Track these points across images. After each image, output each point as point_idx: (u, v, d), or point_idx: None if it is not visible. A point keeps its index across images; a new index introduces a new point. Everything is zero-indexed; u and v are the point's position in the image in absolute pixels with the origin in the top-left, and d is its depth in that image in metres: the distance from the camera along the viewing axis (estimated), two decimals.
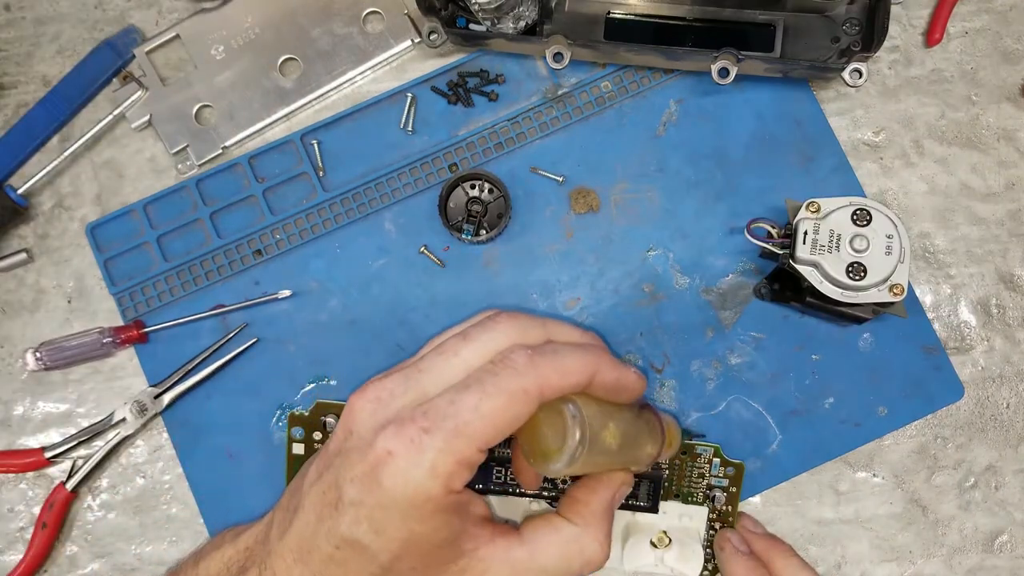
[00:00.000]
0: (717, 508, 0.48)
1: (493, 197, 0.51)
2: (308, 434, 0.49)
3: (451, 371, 0.36)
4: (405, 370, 0.37)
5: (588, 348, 0.38)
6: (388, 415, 0.35)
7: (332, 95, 0.53)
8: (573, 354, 0.36)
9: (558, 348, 0.36)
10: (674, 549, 0.47)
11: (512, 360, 0.35)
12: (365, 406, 0.36)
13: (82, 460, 0.51)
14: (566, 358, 0.36)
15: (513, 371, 0.35)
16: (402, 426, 0.34)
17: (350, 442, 0.36)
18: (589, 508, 0.40)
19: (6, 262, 0.52)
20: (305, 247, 0.52)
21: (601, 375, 0.37)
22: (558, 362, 0.36)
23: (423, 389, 0.36)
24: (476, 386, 0.34)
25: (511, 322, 0.38)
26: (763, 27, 0.50)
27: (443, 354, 0.37)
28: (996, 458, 0.50)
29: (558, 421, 0.37)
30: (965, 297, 0.51)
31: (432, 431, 0.33)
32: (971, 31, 0.53)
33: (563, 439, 0.36)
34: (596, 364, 0.37)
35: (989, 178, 0.52)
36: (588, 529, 0.39)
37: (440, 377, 0.36)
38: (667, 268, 0.51)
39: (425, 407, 0.34)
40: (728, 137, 0.51)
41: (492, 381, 0.34)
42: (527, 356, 0.35)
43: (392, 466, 0.33)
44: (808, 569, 0.46)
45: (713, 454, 0.48)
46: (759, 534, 0.48)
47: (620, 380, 0.38)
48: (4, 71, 0.54)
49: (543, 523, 0.39)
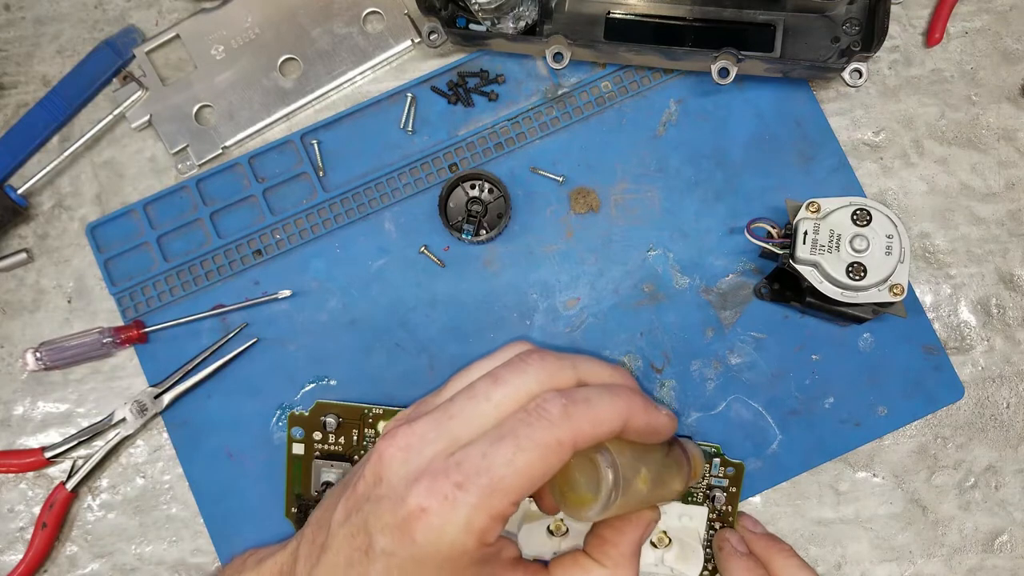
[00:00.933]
0: (717, 508, 0.48)
1: (493, 197, 0.51)
2: (308, 434, 0.49)
3: (482, 417, 0.35)
4: (435, 414, 0.36)
5: (620, 392, 0.37)
6: (420, 465, 0.34)
7: (332, 95, 0.53)
8: (606, 401, 0.36)
9: (591, 396, 0.36)
10: (674, 549, 0.47)
11: (546, 411, 0.34)
12: (396, 454, 0.35)
13: (82, 460, 0.51)
14: (600, 406, 0.35)
15: (547, 422, 0.34)
16: (435, 480, 0.33)
17: (380, 489, 0.35)
18: (618, 550, 0.40)
19: (6, 262, 0.52)
20: (305, 247, 0.52)
21: (634, 420, 0.36)
22: (592, 411, 0.35)
23: (454, 436, 0.35)
24: (510, 438, 0.34)
25: (541, 364, 0.37)
26: (763, 27, 0.50)
27: (474, 398, 0.36)
28: (996, 458, 0.50)
29: (591, 469, 0.37)
30: (965, 297, 0.51)
31: (466, 487, 0.33)
32: (971, 31, 0.53)
33: (597, 488, 0.36)
34: (629, 410, 0.36)
35: (989, 178, 0.52)
36: (618, 570, 0.39)
37: (471, 423, 0.35)
38: (667, 268, 0.51)
39: (458, 458, 0.34)
40: (728, 137, 0.51)
41: (526, 433, 0.34)
42: (561, 406, 0.34)
43: (426, 522, 0.33)
44: (807, 569, 0.46)
45: (713, 454, 0.48)
46: (758, 534, 0.48)
47: (652, 424, 0.37)
48: (4, 71, 0.54)
49: (572, 564, 0.39)
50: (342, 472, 0.49)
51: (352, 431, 0.49)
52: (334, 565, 0.36)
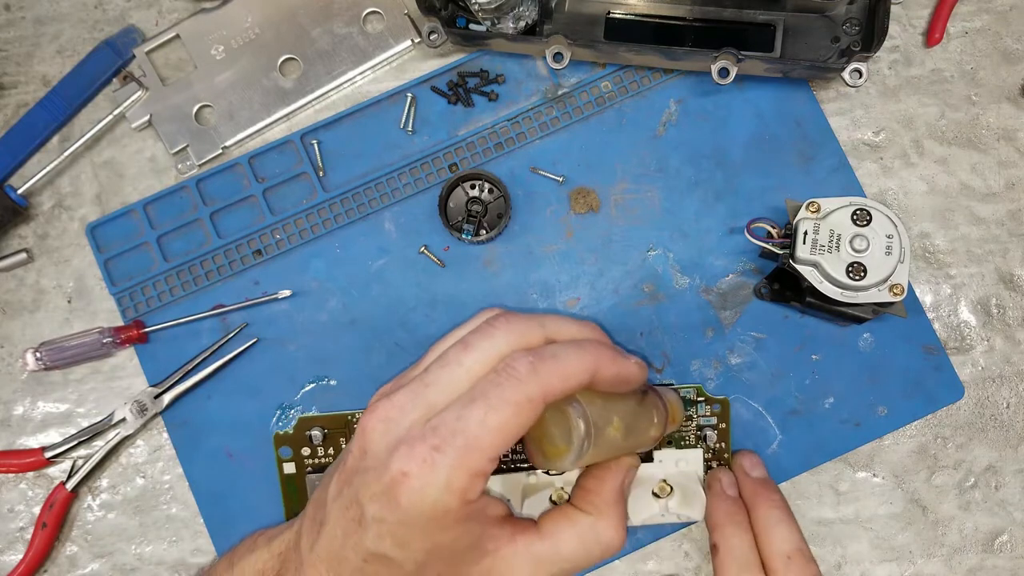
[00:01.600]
0: (711, 447, 0.49)
1: (493, 197, 0.51)
2: (296, 451, 0.49)
3: (456, 382, 0.37)
4: (411, 384, 0.37)
5: (588, 345, 0.38)
6: (399, 434, 0.36)
7: (332, 95, 0.53)
8: (574, 355, 0.37)
9: (558, 351, 0.37)
10: (676, 496, 0.47)
11: (514, 369, 0.36)
12: (376, 426, 0.37)
13: (82, 460, 0.51)
14: (567, 360, 0.37)
15: (516, 380, 0.35)
16: (413, 446, 0.35)
17: (366, 461, 0.37)
18: (601, 497, 0.41)
19: (6, 262, 0.52)
20: (305, 247, 0.52)
21: (602, 371, 0.38)
22: (560, 366, 0.36)
23: (430, 402, 0.37)
24: (481, 399, 0.35)
25: (509, 326, 0.38)
26: (763, 27, 0.50)
27: (446, 365, 0.37)
28: (996, 458, 0.50)
29: (562, 421, 0.38)
30: (965, 297, 0.51)
31: (443, 448, 0.34)
32: (971, 31, 0.53)
33: (569, 438, 0.38)
34: (596, 362, 0.37)
35: (989, 178, 0.52)
36: (602, 517, 0.40)
37: (445, 389, 0.37)
38: (667, 268, 0.51)
39: (434, 423, 0.35)
40: (728, 137, 0.51)
41: (496, 393, 0.35)
42: (528, 364, 0.36)
43: (408, 486, 0.34)
44: (788, 523, 0.45)
45: (696, 394, 0.49)
46: (752, 478, 0.48)
47: (621, 373, 0.39)
48: (4, 71, 0.54)
49: (559, 516, 0.41)
50: None
51: (340, 440, 0.49)
52: (332, 537, 0.37)
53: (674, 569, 0.50)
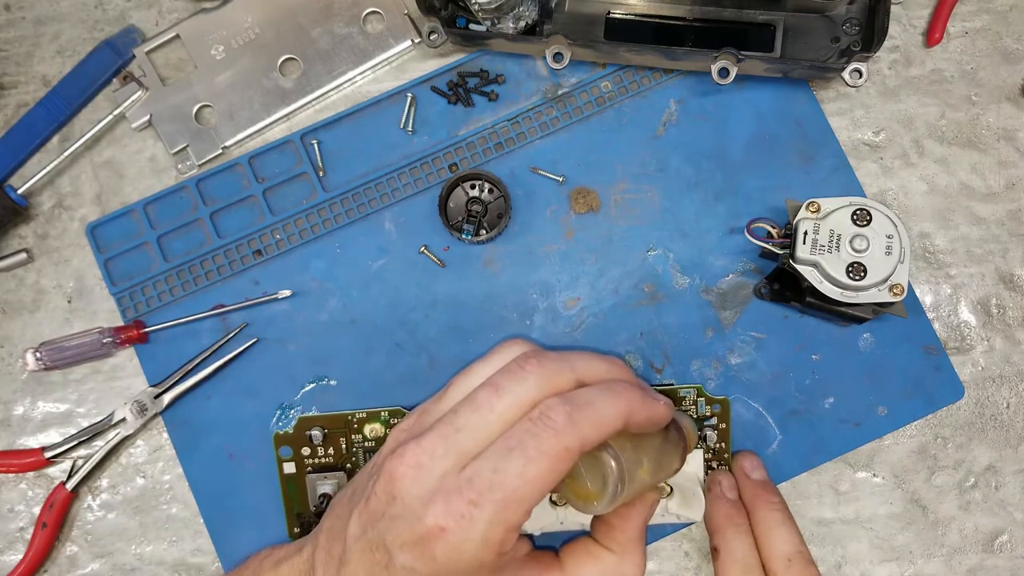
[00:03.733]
0: (711, 447, 0.49)
1: (493, 197, 0.51)
2: (296, 451, 0.49)
3: (488, 427, 0.36)
4: (440, 429, 0.37)
5: (620, 390, 0.38)
6: (432, 483, 0.35)
7: (332, 95, 0.53)
8: (608, 402, 0.37)
9: (592, 399, 0.37)
10: (676, 496, 0.47)
11: (551, 420, 0.35)
12: (407, 472, 0.36)
13: (82, 460, 0.51)
14: (602, 408, 0.36)
15: (553, 431, 0.35)
16: (450, 499, 0.34)
17: (395, 508, 0.36)
18: (625, 535, 0.41)
19: (6, 262, 0.52)
20: (305, 247, 0.52)
21: (635, 415, 0.37)
22: (595, 415, 0.36)
23: (462, 450, 0.36)
24: (519, 450, 0.35)
25: (540, 369, 0.37)
26: (763, 27, 0.50)
27: (478, 411, 0.37)
28: (996, 458, 0.50)
29: (596, 466, 0.38)
30: (965, 297, 0.51)
31: (481, 503, 0.34)
32: (971, 31, 0.53)
33: (603, 483, 0.38)
34: (629, 407, 0.37)
35: (989, 178, 0.52)
36: (626, 555, 0.41)
37: (478, 436, 0.36)
38: (667, 268, 0.51)
39: (469, 474, 0.35)
40: (728, 137, 0.51)
41: (534, 444, 0.35)
42: (566, 414, 0.35)
43: (445, 541, 0.34)
44: (788, 525, 0.45)
45: (697, 394, 0.49)
46: (752, 480, 0.48)
47: (651, 416, 0.39)
48: (4, 71, 0.54)
49: (582, 553, 0.41)
50: (337, 482, 0.49)
51: (340, 440, 0.49)
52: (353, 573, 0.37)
53: (674, 569, 0.50)
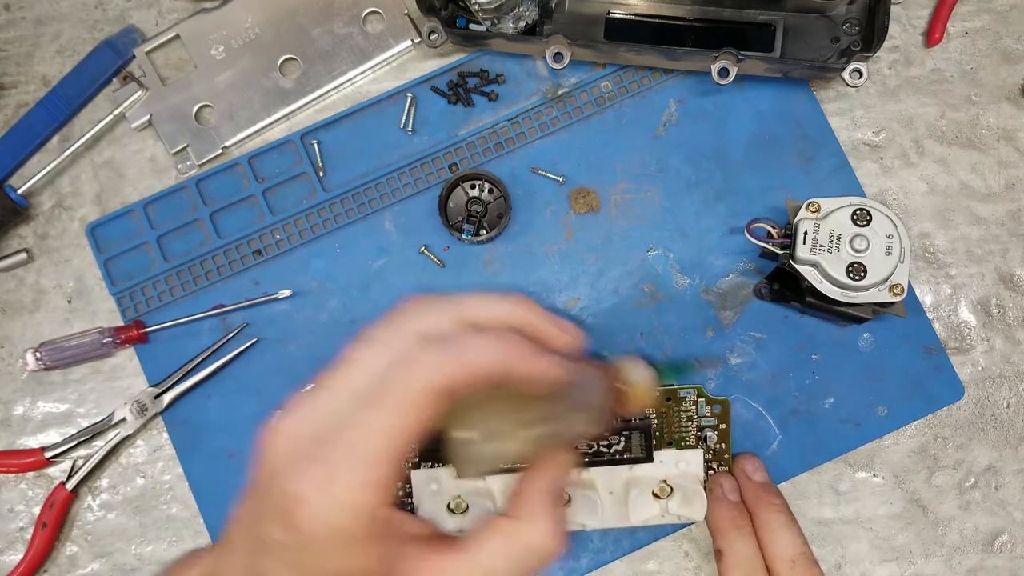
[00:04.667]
0: (711, 448, 0.49)
1: (493, 197, 0.51)
2: None
3: (352, 383, 0.33)
4: (310, 391, 0.34)
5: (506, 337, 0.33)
6: (291, 450, 0.33)
7: (332, 95, 0.53)
8: (481, 346, 0.33)
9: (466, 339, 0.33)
10: (676, 496, 0.47)
11: (408, 362, 0.32)
12: (271, 441, 0.33)
13: (82, 460, 0.51)
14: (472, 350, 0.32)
15: (408, 373, 0.31)
16: (306, 466, 0.32)
17: (263, 479, 0.33)
18: (528, 500, 0.37)
19: (6, 262, 0.52)
20: (305, 247, 0.52)
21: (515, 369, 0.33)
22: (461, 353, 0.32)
23: (329, 409, 0.33)
24: (373, 399, 0.32)
25: (415, 314, 0.34)
26: (763, 27, 0.50)
27: (344, 364, 0.33)
28: (996, 458, 0.50)
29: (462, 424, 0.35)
30: (965, 297, 0.51)
31: (335, 464, 0.31)
32: (971, 31, 0.53)
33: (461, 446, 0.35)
34: (506, 357, 0.33)
35: (989, 178, 0.52)
36: (533, 521, 0.36)
37: (341, 393, 0.33)
38: (667, 268, 0.51)
39: (324, 434, 0.32)
40: (728, 137, 0.51)
41: (384, 391, 0.31)
42: (422, 353, 0.32)
43: (305, 510, 0.31)
44: (790, 526, 0.45)
45: (697, 395, 0.49)
46: (754, 482, 0.47)
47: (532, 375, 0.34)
48: (4, 71, 0.54)
49: (484, 525, 0.37)
50: None
51: None
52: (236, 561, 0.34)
53: (674, 569, 0.50)
